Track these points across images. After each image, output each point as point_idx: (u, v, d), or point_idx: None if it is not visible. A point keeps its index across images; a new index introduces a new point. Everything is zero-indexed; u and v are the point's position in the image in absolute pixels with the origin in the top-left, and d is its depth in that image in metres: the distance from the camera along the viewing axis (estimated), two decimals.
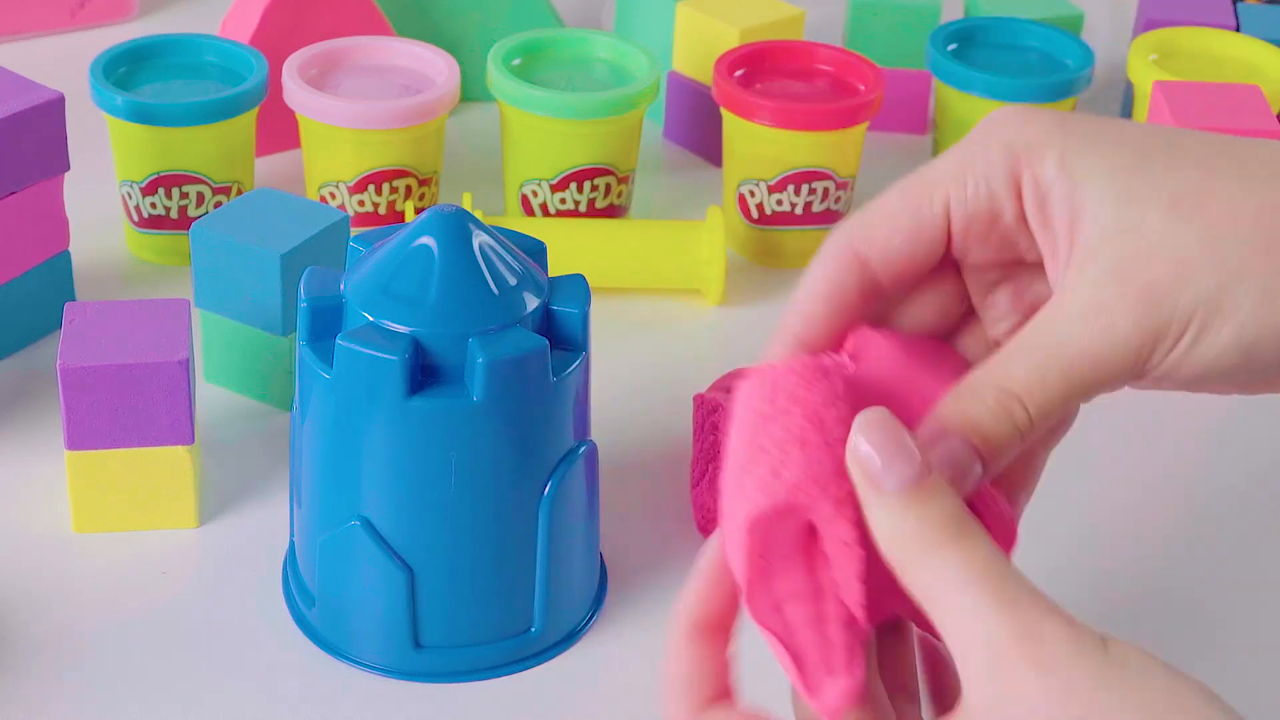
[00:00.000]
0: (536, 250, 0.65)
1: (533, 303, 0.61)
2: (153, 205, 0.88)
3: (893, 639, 0.52)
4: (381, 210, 0.91)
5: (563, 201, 0.92)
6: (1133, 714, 0.41)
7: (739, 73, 0.94)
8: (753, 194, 0.92)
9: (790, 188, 0.91)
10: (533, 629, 0.65)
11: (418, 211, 0.89)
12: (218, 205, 0.88)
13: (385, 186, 0.90)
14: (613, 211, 0.94)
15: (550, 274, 0.64)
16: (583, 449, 0.64)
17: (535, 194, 0.92)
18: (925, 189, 0.49)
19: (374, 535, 0.61)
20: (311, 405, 0.61)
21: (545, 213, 0.92)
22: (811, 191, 0.91)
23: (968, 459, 0.46)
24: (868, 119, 0.91)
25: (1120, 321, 0.46)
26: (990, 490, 0.48)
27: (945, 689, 0.51)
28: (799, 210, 0.92)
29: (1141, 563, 0.73)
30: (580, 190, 0.92)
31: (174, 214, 0.88)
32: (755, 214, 0.92)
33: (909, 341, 0.50)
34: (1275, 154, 0.48)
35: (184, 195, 0.88)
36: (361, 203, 0.90)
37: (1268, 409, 0.83)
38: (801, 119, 0.89)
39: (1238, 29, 1.08)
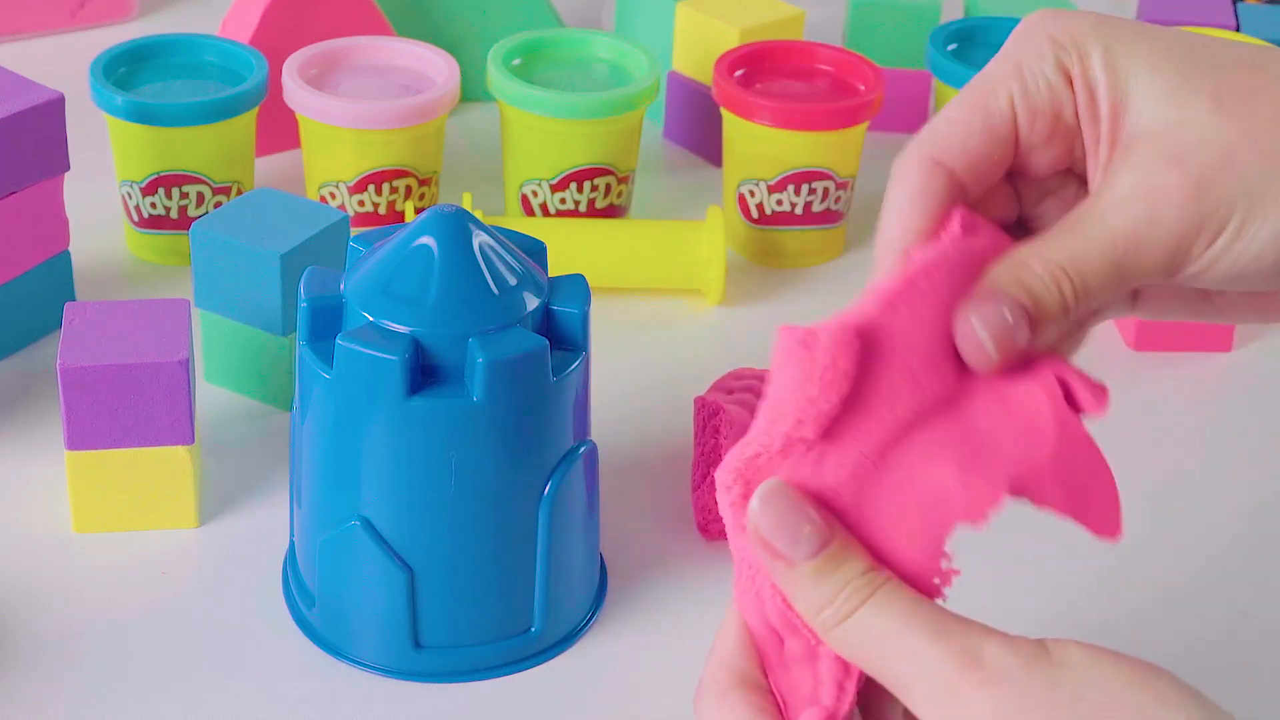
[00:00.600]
0: (536, 250, 0.65)
1: (533, 303, 0.61)
2: (153, 205, 0.88)
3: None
4: (381, 210, 0.91)
5: (563, 201, 0.92)
6: (1094, 704, 0.41)
7: (739, 73, 0.94)
8: (753, 194, 0.92)
9: (790, 188, 0.91)
10: (533, 629, 0.65)
11: (418, 211, 0.89)
12: (218, 205, 0.88)
13: (385, 186, 0.90)
14: (613, 211, 0.94)
15: (550, 274, 0.64)
16: (583, 449, 0.64)
17: (535, 194, 0.92)
18: (987, 90, 0.49)
19: (374, 535, 0.61)
20: (311, 405, 0.61)
21: (545, 213, 0.92)
22: (811, 191, 0.91)
23: (1017, 318, 0.46)
24: (868, 119, 0.91)
25: (1165, 205, 0.46)
26: (1063, 361, 0.48)
27: None
28: (799, 210, 0.92)
29: (1156, 571, 0.73)
30: (580, 190, 0.92)
31: (174, 214, 0.88)
32: (755, 214, 0.92)
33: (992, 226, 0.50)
34: None
35: (184, 195, 0.88)
36: (361, 203, 0.90)
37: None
38: (801, 119, 0.89)
39: (1238, 29, 1.08)
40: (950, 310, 0.47)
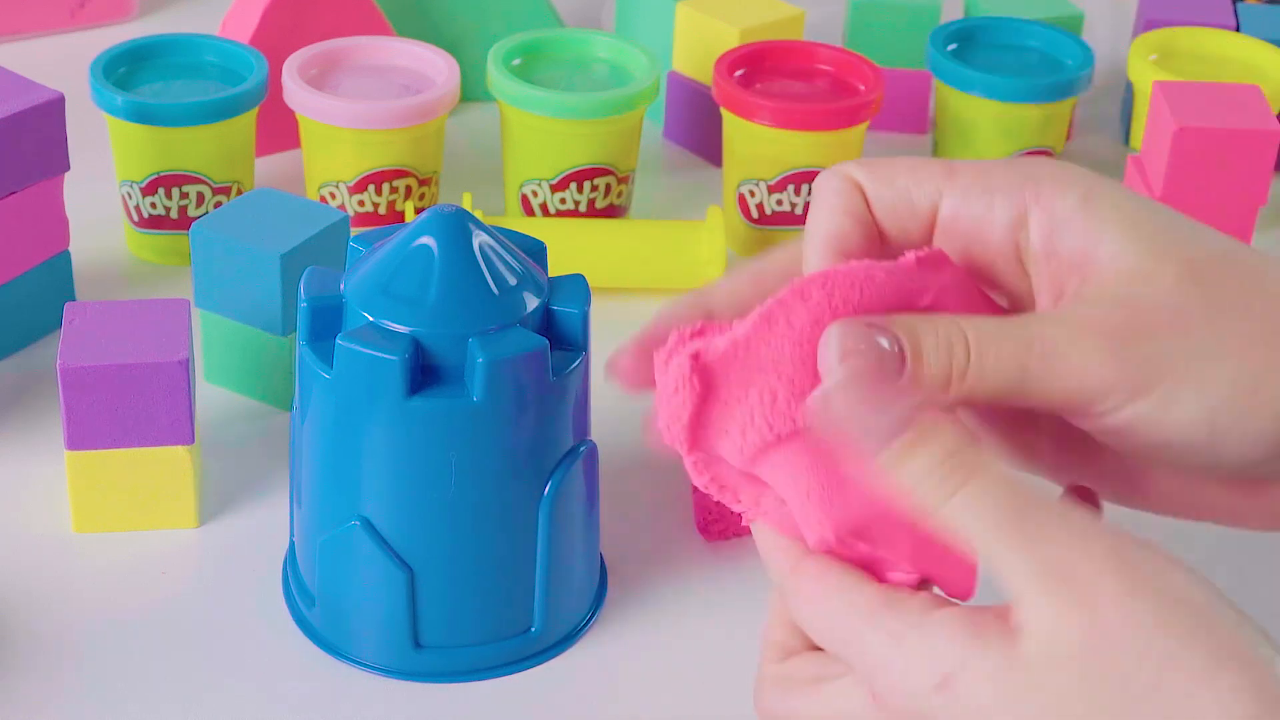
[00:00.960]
0: (536, 250, 0.65)
1: (533, 303, 0.61)
2: (153, 205, 0.88)
3: None
4: (381, 210, 0.91)
5: (563, 201, 0.92)
6: (1179, 646, 0.41)
7: (739, 73, 0.94)
8: (753, 194, 0.92)
9: (790, 188, 0.91)
10: (533, 629, 0.65)
11: (418, 211, 0.89)
12: (218, 205, 0.88)
13: (385, 186, 0.90)
14: (613, 211, 0.94)
15: (550, 274, 0.64)
16: (583, 449, 0.64)
17: (535, 194, 0.92)
18: (936, 172, 0.49)
19: (374, 535, 0.61)
20: (311, 405, 0.61)
21: (545, 213, 0.92)
22: (812, 192, 0.91)
23: (888, 354, 0.45)
24: (868, 119, 0.91)
25: (1096, 338, 0.45)
26: None
27: None
28: (799, 210, 0.92)
29: None
30: (580, 190, 0.92)
31: (174, 214, 0.88)
32: (755, 214, 0.92)
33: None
34: None
35: (184, 195, 0.88)
36: (361, 203, 0.90)
37: None
38: (801, 119, 0.89)
39: (1238, 29, 1.08)
40: None
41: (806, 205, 0.92)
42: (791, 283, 0.47)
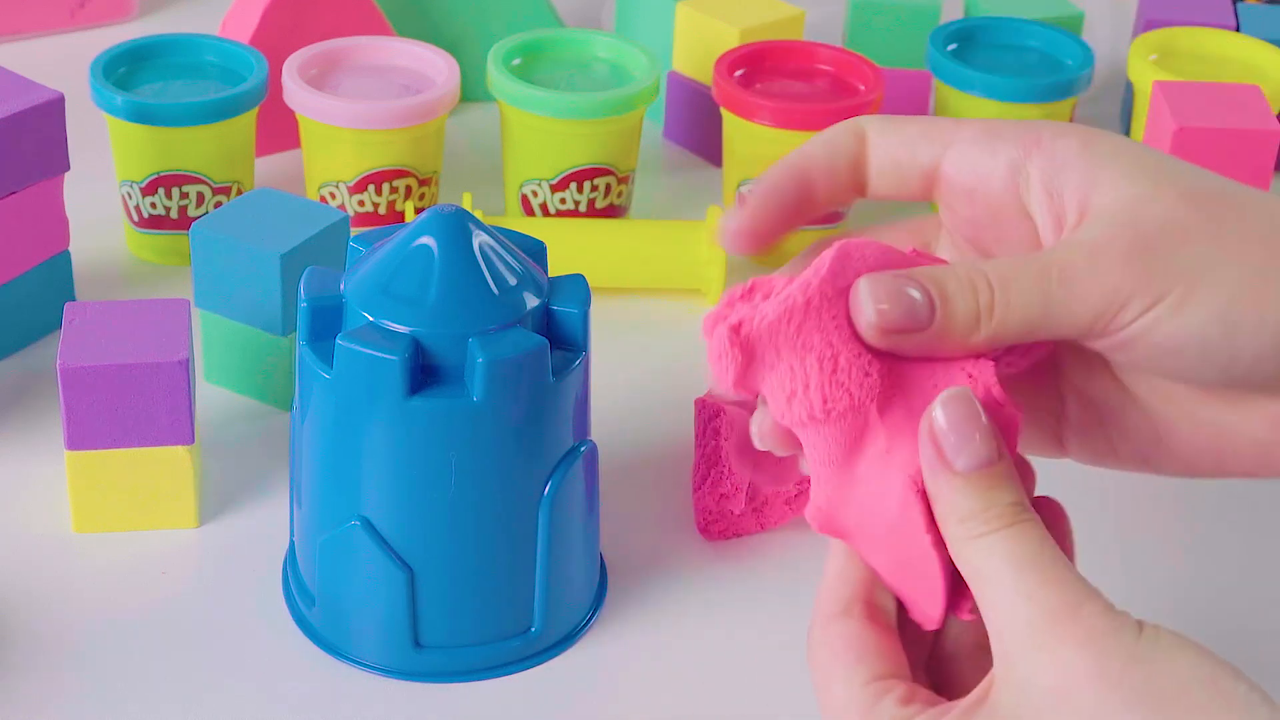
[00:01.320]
0: (536, 250, 0.65)
1: (533, 303, 0.61)
2: (153, 205, 0.88)
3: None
4: (381, 210, 0.91)
5: (563, 201, 0.92)
6: (1162, 689, 0.41)
7: (739, 73, 0.94)
8: None
9: None
10: (533, 629, 0.65)
11: (418, 211, 0.89)
12: (218, 205, 0.88)
13: (385, 186, 0.90)
14: (613, 211, 0.94)
15: (550, 274, 0.64)
16: (583, 449, 0.64)
17: (535, 194, 0.92)
18: (936, 129, 0.51)
19: (374, 535, 0.61)
20: (311, 405, 0.61)
21: (545, 213, 0.92)
22: None
23: (919, 302, 0.46)
24: None
25: (1108, 256, 0.47)
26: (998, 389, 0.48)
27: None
28: None
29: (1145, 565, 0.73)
30: (580, 190, 0.92)
31: (174, 214, 0.88)
32: None
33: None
34: None
35: (184, 195, 0.88)
36: (361, 203, 0.90)
37: None
38: (801, 119, 0.89)
39: (1238, 29, 1.08)
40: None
41: None
42: (826, 250, 0.48)
